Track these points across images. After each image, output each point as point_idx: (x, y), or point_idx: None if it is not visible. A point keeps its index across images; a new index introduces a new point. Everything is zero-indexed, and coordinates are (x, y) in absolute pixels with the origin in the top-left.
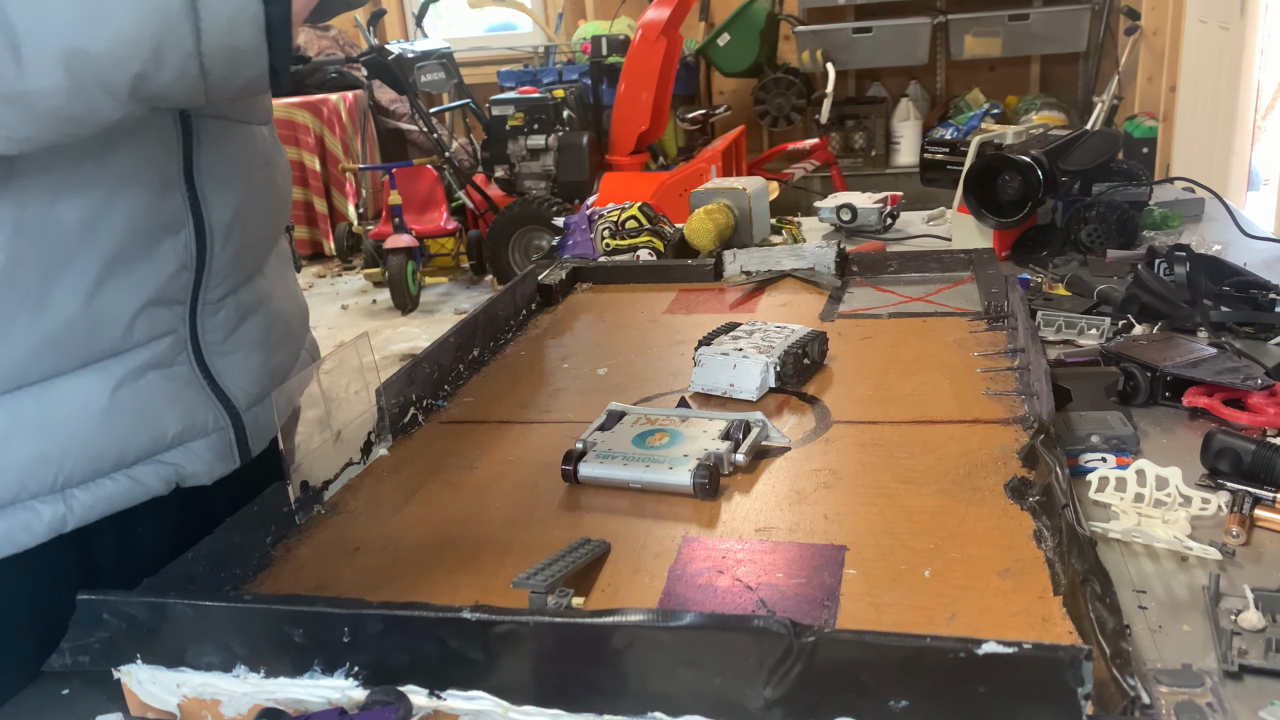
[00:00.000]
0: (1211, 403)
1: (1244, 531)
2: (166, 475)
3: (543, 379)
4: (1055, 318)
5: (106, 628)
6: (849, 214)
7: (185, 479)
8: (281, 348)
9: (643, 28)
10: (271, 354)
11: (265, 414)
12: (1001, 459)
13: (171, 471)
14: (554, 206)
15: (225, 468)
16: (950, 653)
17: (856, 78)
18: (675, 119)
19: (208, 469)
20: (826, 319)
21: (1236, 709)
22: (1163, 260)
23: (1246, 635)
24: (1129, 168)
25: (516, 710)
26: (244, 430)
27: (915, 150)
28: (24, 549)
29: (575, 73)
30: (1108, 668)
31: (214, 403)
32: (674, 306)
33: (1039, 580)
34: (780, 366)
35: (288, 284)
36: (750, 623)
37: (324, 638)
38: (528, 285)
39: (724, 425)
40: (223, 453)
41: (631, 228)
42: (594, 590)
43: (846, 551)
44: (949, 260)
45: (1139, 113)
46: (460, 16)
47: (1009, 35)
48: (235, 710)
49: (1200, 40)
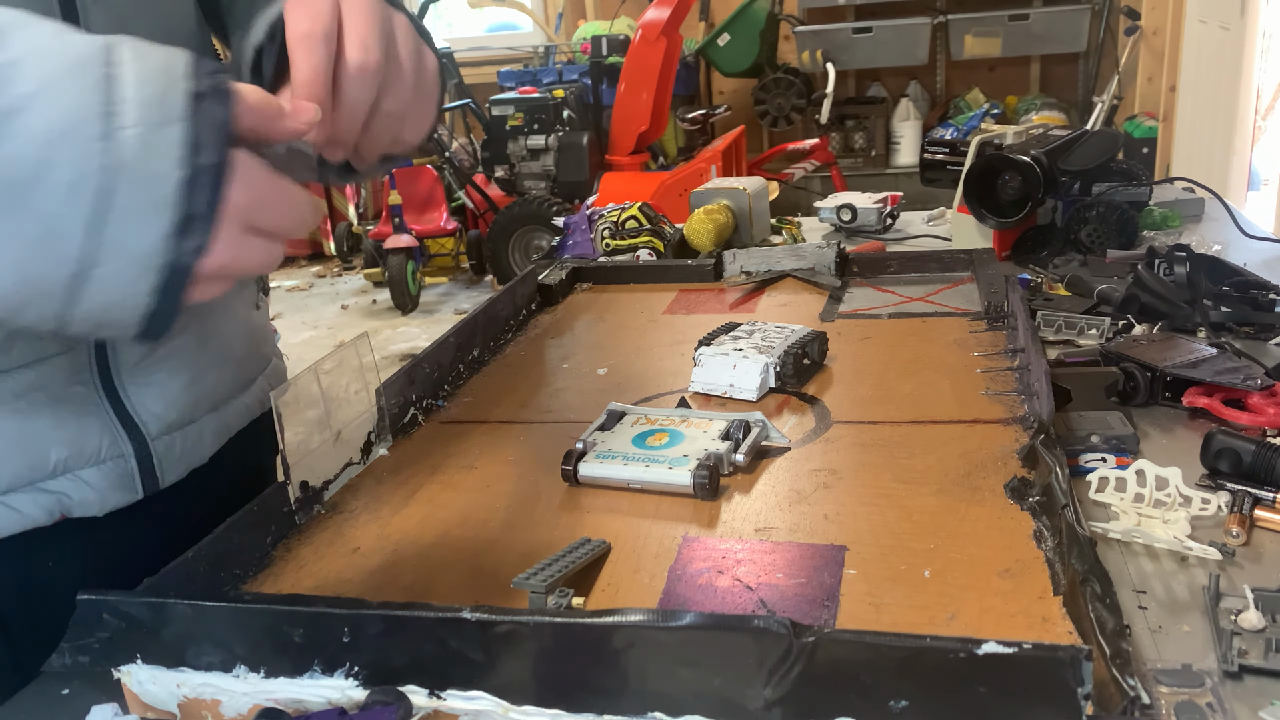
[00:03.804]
0: (1211, 403)
1: (1244, 532)
2: (49, 505)
3: (543, 379)
4: (1055, 318)
5: (106, 628)
6: (849, 214)
7: (71, 509)
8: (214, 370)
9: (643, 28)
10: (200, 377)
11: (185, 441)
12: (1001, 459)
13: (54, 501)
14: (554, 206)
15: (123, 498)
16: (950, 653)
17: (856, 78)
18: (675, 119)
19: (99, 499)
20: (826, 319)
21: (1236, 709)
22: (1163, 260)
23: (1246, 635)
24: (1129, 168)
25: (516, 710)
26: (151, 459)
27: (915, 150)
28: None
29: (575, 73)
30: (1108, 668)
31: (114, 427)
32: (674, 306)
33: (1039, 580)
34: (780, 366)
35: (234, 301)
36: (750, 623)
37: (324, 638)
38: (528, 285)
39: (724, 425)
40: (120, 482)
41: (631, 228)
42: (594, 590)
43: (846, 551)
44: (949, 260)
45: (1139, 113)
46: (460, 16)
47: (1009, 35)
48: (235, 710)
49: (1200, 40)
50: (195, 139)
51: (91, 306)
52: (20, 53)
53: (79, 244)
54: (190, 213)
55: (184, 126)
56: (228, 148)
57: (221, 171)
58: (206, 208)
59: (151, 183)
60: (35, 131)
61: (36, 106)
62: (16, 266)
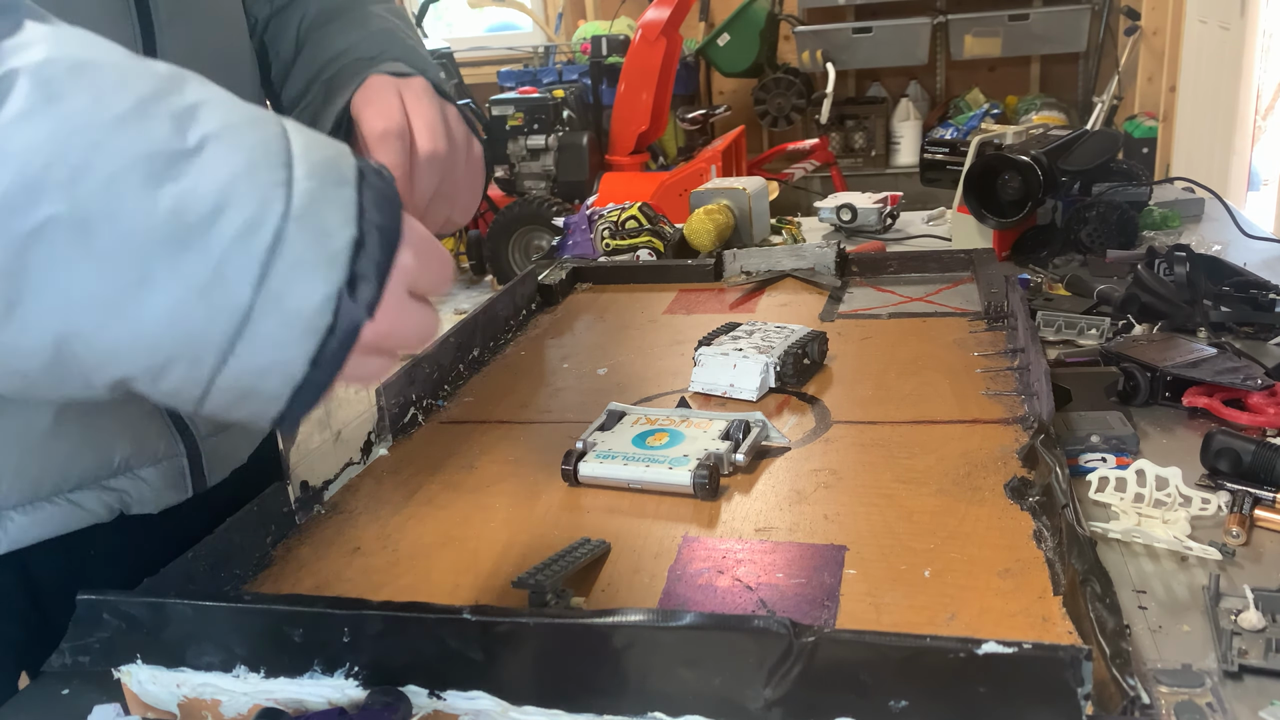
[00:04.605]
0: (1211, 403)
1: (1244, 531)
2: (110, 502)
3: (543, 379)
4: (1055, 318)
5: (106, 628)
6: (849, 214)
7: (130, 506)
8: None
9: (643, 28)
10: None
11: (227, 443)
12: (1001, 459)
13: (116, 498)
14: (554, 206)
15: (175, 497)
16: (950, 653)
17: (856, 78)
18: (675, 119)
19: (155, 497)
20: (826, 319)
21: (1236, 709)
22: (1163, 260)
23: (1246, 635)
24: (1129, 168)
25: (516, 710)
26: (200, 459)
27: (915, 150)
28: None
29: (575, 73)
30: (1108, 668)
31: (170, 429)
32: (674, 306)
33: (1039, 580)
34: (780, 366)
35: None
36: (750, 623)
37: (324, 638)
38: (528, 285)
39: (724, 425)
40: (173, 481)
41: (631, 228)
42: (594, 590)
43: (846, 551)
44: (949, 260)
45: (1139, 113)
46: (460, 16)
47: (1009, 35)
48: (235, 710)
49: (1200, 40)
50: (366, 201)
51: (243, 370)
52: (199, 98)
53: (247, 295)
54: (359, 272)
55: (355, 190)
56: (400, 211)
57: (395, 234)
58: (376, 269)
59: (323, 238)
60: (215, 171)
61: (217, 147)
62: (177, 315)
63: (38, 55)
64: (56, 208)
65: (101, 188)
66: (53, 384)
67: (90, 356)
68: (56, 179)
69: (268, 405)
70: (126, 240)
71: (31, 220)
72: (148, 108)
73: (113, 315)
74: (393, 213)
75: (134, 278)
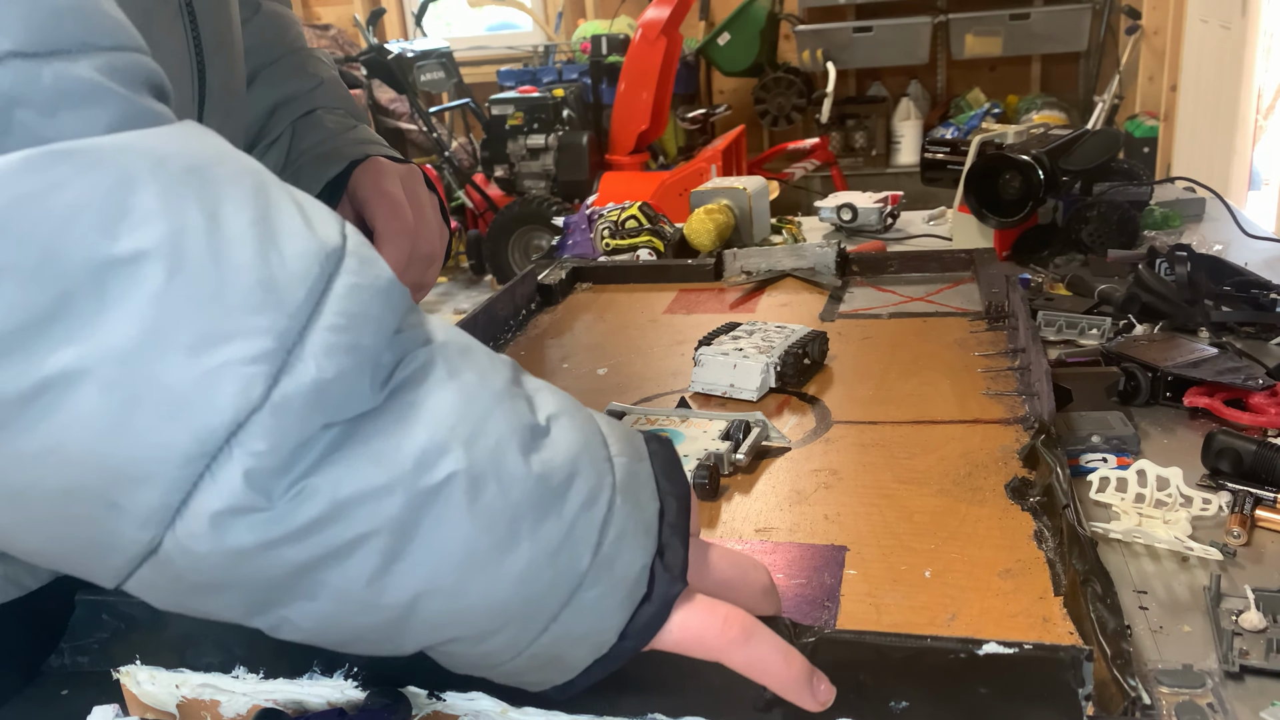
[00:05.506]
0: (1212, 403)
1: (1245, 532)
2: None
3: (542, 379)
4: (1056, 318)
5: (105, 628)
6: (849, 214)
7: None
8: None
9: (643, 27)
10: None
11: None
12: (1002, 459)
13: None
14: (554, 206)
15: None
16: (951, 653)
17: (857, 77)
18: (675, 118)
19: None
20: (826, 319)
21: (1237, 709)
22: (1164, 260)
23: (1247, 636)
24: (1130, 167)
25: (516, 711)
26: None
27: (916, 150)
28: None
29: (575, 72)
30: (1108, 668)
31: None
32: (674, 306)
33: (1040, 581)
34: (780, 366)
35: None
36: None
37: None
38: (527, 285)
39: (724, 425)
40: None
41: (631, 227)
42: None
43: (847, 552)
44: (949, 260)
45: (1140, 112)
46: (460, 16)
47: (1009, 35)
48: (234, 711)
49: (1201, 40)
50: (657, 470)
51: (560, 637)
52: (535, 384)
53: (586, 561)
54: (664, 542)
55: (650, 464)
56: (683, 473)
57: (687, 498)
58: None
59: (638, 509)
60: (563, 445)
61: (560, 426)
62: (528, 577)
63: (440, 337)
64: (459, 464)
65: (492, 450)
66: (374, 641)
67: (435, 617)
68: (460, 437)
69: (559, 674)
70: (506, 500)
71: (437, 476)
72: (512, 388)
73: (475, 574)
74: (680, 479)
75: (504, 536)
